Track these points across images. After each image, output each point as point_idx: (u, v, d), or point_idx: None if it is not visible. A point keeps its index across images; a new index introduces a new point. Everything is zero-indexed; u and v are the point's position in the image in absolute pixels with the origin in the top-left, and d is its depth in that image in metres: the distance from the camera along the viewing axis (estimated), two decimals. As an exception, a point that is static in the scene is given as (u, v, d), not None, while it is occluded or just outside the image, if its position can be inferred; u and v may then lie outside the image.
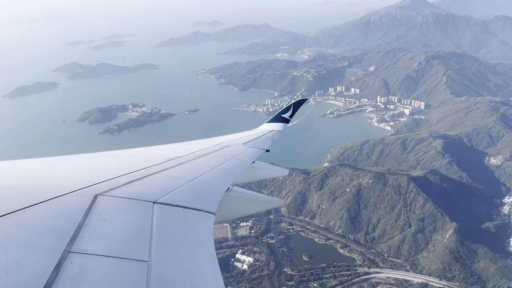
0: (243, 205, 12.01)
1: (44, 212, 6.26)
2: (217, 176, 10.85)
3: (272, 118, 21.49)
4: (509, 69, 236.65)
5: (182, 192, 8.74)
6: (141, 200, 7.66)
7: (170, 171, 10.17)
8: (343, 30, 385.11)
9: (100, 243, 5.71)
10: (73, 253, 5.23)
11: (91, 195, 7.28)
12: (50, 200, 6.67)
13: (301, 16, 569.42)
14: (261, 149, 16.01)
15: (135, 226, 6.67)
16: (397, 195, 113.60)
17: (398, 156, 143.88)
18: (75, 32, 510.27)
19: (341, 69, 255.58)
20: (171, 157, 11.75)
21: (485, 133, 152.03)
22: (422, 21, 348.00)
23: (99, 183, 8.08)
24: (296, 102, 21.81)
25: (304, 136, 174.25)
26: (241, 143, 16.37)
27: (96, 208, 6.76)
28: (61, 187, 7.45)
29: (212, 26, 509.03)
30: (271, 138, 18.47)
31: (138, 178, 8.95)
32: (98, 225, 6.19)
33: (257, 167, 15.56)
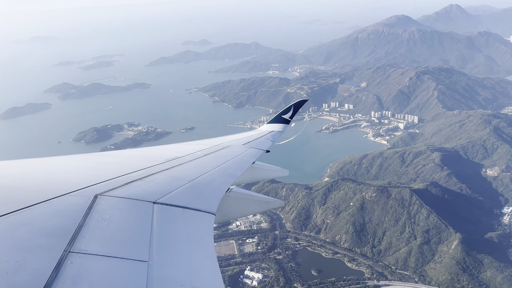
0: (243, 205, 12.05)
1: (44, 212, 6.28)
2: (217, 176, 10.97)
3: (272, 119, 21.75)
4: (496, 83, 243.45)
5: (182, 193, 8.81)
6: (141, 200, 7.70)
7: (170, 172, 10.22)
8: (332, 48, 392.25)
9: (100, 243, 5.74)
10: (73, 253, 5.25)
11: (91, 195, 7.29)
12: (50, 200, 6.69)
13: (289, 35, 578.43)
14: (261, 149, 16.12)
15: (135, 226, 6.71)
16: (401, 208, 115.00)
17: (398, 169, 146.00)
18: (64, 52, 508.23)
19: (333, 85, 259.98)
20: (171, 158, 11.82)
21: (480, 145, 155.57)
22: (409, 37, 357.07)
23: (99, 183, 8.11)
24: (296, 103, 22.04)
25: (302, 151, 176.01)
26: (241, 143, 16.49)
27: (96, 208, 6.77)
28: (61, 187, 7.48)
29: (201, 45, 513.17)
30: (271, 139, 18.72)
31: (138, 178, 8.99)
32: (98, 225, 6.22)
33: (257, 168, 15.75)
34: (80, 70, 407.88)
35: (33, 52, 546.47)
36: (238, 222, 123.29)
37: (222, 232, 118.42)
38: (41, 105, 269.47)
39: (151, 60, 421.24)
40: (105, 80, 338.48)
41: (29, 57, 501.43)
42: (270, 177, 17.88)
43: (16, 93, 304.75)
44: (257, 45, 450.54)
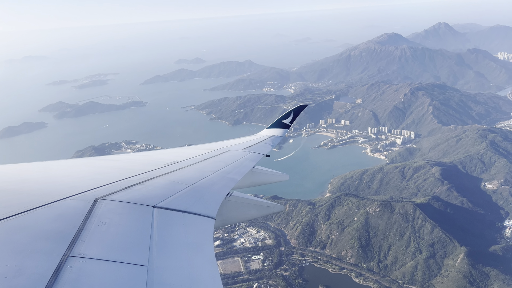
0: (243, 210, 11.93)
1: (44, 215, 6.26)
2: (217, 180, 10.93)
3: (272, 123, 21.78)
4: (488, 98, 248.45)
5: (182, 197, 8.78)
6: (141, 205, 7.67)
7: (170, 176, 10.20)
8: (325, 65, 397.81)
9: (99, 247, 5.73)
10: (73, 257, 5.24)
11: (91, 199, 7.28)
12: (50, 204, 6.67)
13: (281, 52, 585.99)
14: (261, 154, 16.13)
15: (135, 230, 6.69)
16: (405, 222, 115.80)
17: (398, 184, 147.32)
18: (57, 71, 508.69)
19: (329, 102, 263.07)
20: (171, 162, 11.81)
21: (478, 159, 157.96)
22: (401, 55, 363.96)
23: (99, 187, 8.09)
24: (297, 108, 22.12)
25: (302, 167, 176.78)
26: (241, 148, 16.48)
27: (96, 212, 6.76)
28: (61, 191, 7.47)
29: (195, 63, 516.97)
30: (271, 143, 18.74)
31: (138, 182, 8.96)
32: (97, 229, 6.21)
33: (257, 172, 15.75)
34: (75, 89, 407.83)
35: (26, 71, 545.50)
36: (243, 239, 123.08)
37: (227, 249, 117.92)
38: (36, 124, 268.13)
39: (146, 79, 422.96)
40: (100, 98, 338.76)
41: (22, 76, 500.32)
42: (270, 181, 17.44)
43: (11, 112, 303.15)
44: (251, 63, 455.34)
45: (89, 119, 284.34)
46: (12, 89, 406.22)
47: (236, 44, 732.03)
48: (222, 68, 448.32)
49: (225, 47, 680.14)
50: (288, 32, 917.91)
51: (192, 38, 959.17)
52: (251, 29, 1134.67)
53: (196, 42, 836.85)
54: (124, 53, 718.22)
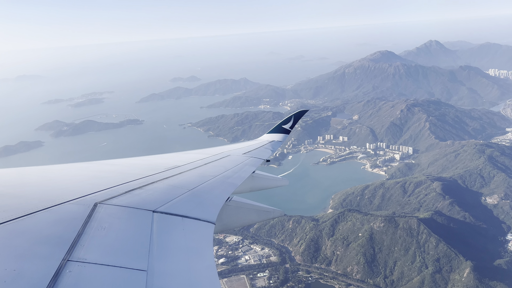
0: (243, 214, 11.89)
1: (44, 220, 6.25)
2: (217, 185, 10.91)
3: (272, 128, 21.75)
4: (483, 114, 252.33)
5: (182, 201, 8.76)
6: (140, 209, 7.65)
7: (170, 180, 10.18)
8: (320, 82, 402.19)
9: (99, 252, 5.72)
10: (72, 261, 5.23)
11: (90, 203, 7.28)
12: (50, 208, 6.67)
13: (276, 70, 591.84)
14: (261, 159, 16.12)
15: (134, 235, 6.68)
16: (410, 237, 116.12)
17: (400, 199, 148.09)
18: (52, 90, 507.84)
19: (326, 118, 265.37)
20: (171, 166, 11.80)
21: (477, 174, 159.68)
22: (395, 72, 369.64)
23: (99, 191, 8.08)
24: (297, 113, 22.16)
25: (302, 184, 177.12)
26: (241, 153, 16.43)
27: (96, 217, 6.76)
28: (61, 195, 7.47)
29: (190, 81, 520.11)
30: (271, 148, 18.72)
31: (138, 186, 8.96)
32: (97, 233, 6.21)
33: (257, 177, 15.79)
34: (70, 108, 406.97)
35: (20, 90, 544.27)
36: (247, 256, 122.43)
37: (232, 267, 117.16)
38: (33, 143, 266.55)
39: (142, 97, 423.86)
40: (97, 117, 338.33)
41: (17, 95, 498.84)
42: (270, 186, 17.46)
43: (7, 131, 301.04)
44: (246, 81, 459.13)
45: (86, 137, 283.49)
46: (7, 108, 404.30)
47: (230, 62, 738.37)
48: (218, 85, 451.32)
49: (220, 65, 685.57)
50: (281, 50, 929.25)
51: (186, 57, 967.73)
52: (244, 48, 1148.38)
53: (190, 60, 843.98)
54: (119, 71, 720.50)
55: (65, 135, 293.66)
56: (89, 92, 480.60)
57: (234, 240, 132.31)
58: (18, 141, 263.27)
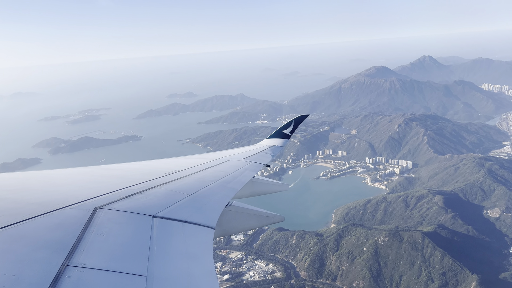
0: (243, 219, 11.82)
1: (43, 225, 6.24)
2: (217, 190, 10.89)
3: (273, 133, 21.96)
4: (479, 128, 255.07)
5: (181, 206, 8.74)
6: (140, 214, 7.64)
7: (170, 185, 10.18)
8: (317, 97, 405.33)
9: (98, 257, 5.70)
10: (71, 266, 5.22)
11: (90, 208, 7.28)
12: (49, 213, 6.66)
13: (272, 86, 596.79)
14: (261, 163, 16.12)
15: (134, 240, 6.66)
16: (415, 251, 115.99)
17: (403, 213, 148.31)
18: (48, 107, 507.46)
19: (324, 133, 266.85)
20: (171, 171, 11.79)
21: (478, 187, 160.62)
22: (390, 87, 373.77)
23: (98, 196, 8.08)
24: (297, 118, 22.49)
25: (304, 198, 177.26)
26: (241, 157, 16.42)
27: (95, 222, 6.75)
28: (60, 200, 7.45)
29: (187, 97, 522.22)
30: (271, 153, 18.69)
31: (138, 191, 8.95)
32: (97, 238, 6.19)
33: (257, 182, 15.79)
34: (67, 125, 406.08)
35: (16, 108, 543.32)
36: (251, 272, 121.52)
37: (237, 283, 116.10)
38: (31, 160, 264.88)
39: (139, 113, 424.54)
40: (94, 133, 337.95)
41: (13, 113, 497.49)
42: (270, 191, 17.39)
43: (4, 149, 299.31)
44: (243, 97, 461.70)
45: (84, 154, 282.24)
46: (3, 126, 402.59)
47: (226, 79, 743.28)
48: (215, 101, 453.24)
49: (215, 82, 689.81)
50: (276, 66, 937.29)
51: (181, 73, 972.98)
52: (239, 64, 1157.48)
53: (186, 77, 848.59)
54: (115, 88, 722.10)
55: (63, 152, 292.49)
56: (86, 109, 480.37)
57: (238, 256, 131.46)
58: (15, 158, 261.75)
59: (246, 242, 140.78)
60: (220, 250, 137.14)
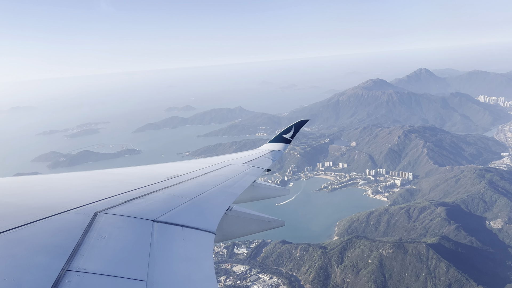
0: (244, 224, 11.75)
1: (43, 229, 6.24)
2: (217, 195, 10.88)
3: (273, 138, 21.65)
4: (478, 139, 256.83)
5: (182, 211, 8.73)
6: (141, 219, 7.63)
7: (170, 190, 10.17)
8: (315, 110, 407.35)
9: (98, 262, 5.69)
10: (71, 271, 5.21)
11: (91, 212, 7.28)
12: (50, 217, 6.67)
13: (270, 99, 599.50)
14: (262, 168, 16.09)
15: (134, 244, 6.65)
16: (419, 263, 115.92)
17: (405, 225, 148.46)
18: (46, 121, 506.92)
19: (324, 145, 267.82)
20: (172, 176, 11.79)
21: (479, 198, 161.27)
22: (388, 99, 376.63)
23: (99, 200, 8.09)
24: (298, 123, 22.15)
25: (306, 211, 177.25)
26: (242, 162, 16.41)
27: (96, 226, 6.75)
28: (61, 204, 7.46)
29: (185, 111, 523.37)
30: (272, 158, 18.67)
31: (139, 196, 8.95)
32: (97, 243, 6.18)
33: (258, 186, 15.73)
34: (66, 139, 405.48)
35: (15, 122, 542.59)
36: (256, 286, 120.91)
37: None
38: (30, 175, 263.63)
39: (137, 127, 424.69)
40: (93, 147, 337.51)
41: (11, 127, 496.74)
42: (271, 196, 17.34)
43: (3, 163, 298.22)
44: (242, 109, 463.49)
45: (83, 168, 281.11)
46: (2, 140, 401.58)
47: (223, 92, 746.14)
48: (214, 114, 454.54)
49: (213, 95, 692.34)
50: (273, 79, 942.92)
51: (179, 87, 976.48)
52: (236, 78, 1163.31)
53: (184, 90, 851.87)
54: (113, 102, 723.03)
55: (62, 166, 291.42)
56: (84, 123, 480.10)
57: (242, 270, 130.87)
58: (14, 172, 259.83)
59: (249, 255, 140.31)
60: (223, 264, 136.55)
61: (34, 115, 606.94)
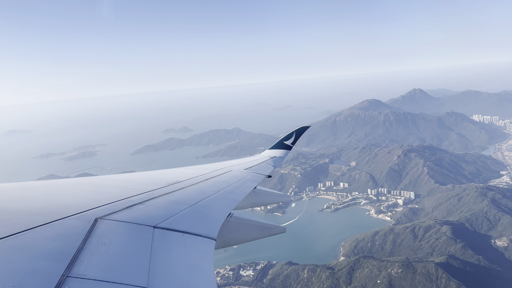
0: (245, 231, 11.70)
1: (44, 235, 6.21)
2: (218, 201, 10.88)
3: (274, 144, 21.77)
4: (476, 158, 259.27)
5: (183, 217, 8.73)
6: (141, 225, 7.62)
7: (171, 196, 10.16)
8: (312, 130, 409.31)
9: (98, 268, 5.66)
10: (71, 277, 5.19)
11: (91, 218, 7.26)
12: (50, 223, 6.64)
13: (266, 120, 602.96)
14: (263, 174, 16.14)
15: (135, 250, 6.63)
16: (429, 282, 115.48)
17: (411, 244, 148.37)
18: (43, 144, 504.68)
19: (324, 165, 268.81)
20: (172, 181, 11.82)
21: (483, 217, 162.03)
22: (385, 119, 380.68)
23: (100, 206, 8.09)
24: (299, 130, 22.23)
25: (310, 231, 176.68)
26: (243, 168, 16.50)
27: (96, 232, 6.73)
28: (61, 210, 7.45)
29: (183, 132, 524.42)
30: (272, 164, 18.73)
31: (139, 202, 8.94)
32: (97, 249, 6.16)
33: (259, 192, 15.65)
34: (64, 161, 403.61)
35: (11, 145, 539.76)
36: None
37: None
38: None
39: (135, 149, 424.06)
40: (92, 169, 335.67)
41: (8, 151, 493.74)
42: (272, 202, 17.18)
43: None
44: (239, 131, 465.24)
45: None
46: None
47: (219, 113, 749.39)
48: (211, 136, 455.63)
49: (209, 116, 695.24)
50: (268, 100, 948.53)
51: (175, 108, 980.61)
52: (231, 99, 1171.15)
53: (180, 112, 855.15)
54: (109, 124, 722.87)
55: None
56: (81, 146, 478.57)
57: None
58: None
59: (256, 277, 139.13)
60: (229, 287, 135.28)
61: (30, 138, 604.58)
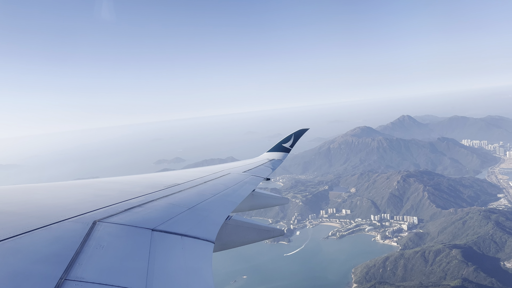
0: (243, 233, 11.69)
1: (42, 238, 6.19)
2: (217, 203, 10.89)
3: (273, 147, 22.35)
4: (473, 182, 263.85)
5: (181, 220, 8.71)
6: (139, 227, 7.63)
7: (170, 198, 10.15)
8: (307, 158, 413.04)
9: (97, 271, 5.67)
10: (69, 280, 5.19)
11: (90, 221, 7.26)
12: (48, 226, 6.64)
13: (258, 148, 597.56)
14: (261, 177, 16.19)
15: (133, 253, 6.63)
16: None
17: (423, 269, 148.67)
18: (33, 179, 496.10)
19: (324, 192, 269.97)
20: (171, 184, 11.84)
21: (490, 240, 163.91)
22: (378, 145, 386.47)
23: (98, 209, 8.07)
24: (297, 132, 22.79)
25: (318, 259, 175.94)
26: (241, 171, 16.56)
27: (94, 235, 6.72)
28: (60, 212, 7.43)
29: (175, 163, 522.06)
30: (271, 167, 18.89)
31: (138, 205, 8.95)
32: (95, 252, 6.16)
33: (257, 195, 15.87)
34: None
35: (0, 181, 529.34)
36: None
37: None
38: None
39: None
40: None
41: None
42: (270, 205, 17.30)
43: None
44: (233, 159, 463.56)
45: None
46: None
47: (210, 143, 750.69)
48: (205, 165, 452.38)
49: (201, 146, 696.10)
50: (258, 129, 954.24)
51: (165, 139, 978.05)
52: (220, 129, 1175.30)
53: (170, 143, 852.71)
54: (99, 157, 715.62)
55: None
56: (74, 179, 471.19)
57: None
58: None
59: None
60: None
61: (19, 173, 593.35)
